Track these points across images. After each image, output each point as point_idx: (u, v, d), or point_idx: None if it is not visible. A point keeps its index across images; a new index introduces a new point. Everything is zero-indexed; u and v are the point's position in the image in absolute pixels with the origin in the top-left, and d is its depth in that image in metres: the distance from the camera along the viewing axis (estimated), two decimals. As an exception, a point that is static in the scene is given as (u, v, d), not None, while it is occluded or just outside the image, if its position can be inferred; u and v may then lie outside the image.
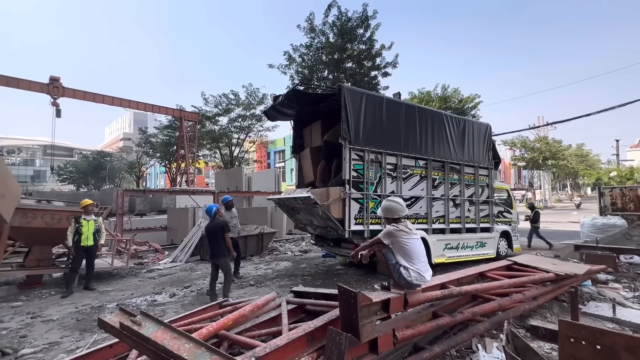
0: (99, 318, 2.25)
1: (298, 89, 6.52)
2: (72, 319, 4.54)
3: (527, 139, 38.69)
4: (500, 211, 8.79)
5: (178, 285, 6.23)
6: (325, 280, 6.53)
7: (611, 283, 5.66)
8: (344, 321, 2.50)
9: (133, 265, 8.01)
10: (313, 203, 5.70)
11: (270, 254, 9.64)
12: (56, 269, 6.55)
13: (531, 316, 4.13)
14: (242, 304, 3.60)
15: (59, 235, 6.17)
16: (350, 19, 14.73)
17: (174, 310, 4.85)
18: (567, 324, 2.37)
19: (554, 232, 15.47)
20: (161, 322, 2.17)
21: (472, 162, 7.74)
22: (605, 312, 4.28)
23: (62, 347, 3.65)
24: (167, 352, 1.93)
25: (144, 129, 31.33)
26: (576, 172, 50.88)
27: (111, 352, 2.83)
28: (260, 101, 22.25)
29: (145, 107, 21.30)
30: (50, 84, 17.02)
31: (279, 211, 11.42)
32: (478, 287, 3.67)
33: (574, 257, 7.04)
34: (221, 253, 5.32)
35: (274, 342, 2.38)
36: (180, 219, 11.57)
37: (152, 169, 50.84)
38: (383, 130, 6.27)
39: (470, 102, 22.17)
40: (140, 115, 61.10)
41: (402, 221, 3.32)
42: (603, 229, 10.11)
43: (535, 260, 5.27)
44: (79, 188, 43.51)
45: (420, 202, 6.77)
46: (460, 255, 7.42)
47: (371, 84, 15.65)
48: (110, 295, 5.76)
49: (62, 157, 53.06)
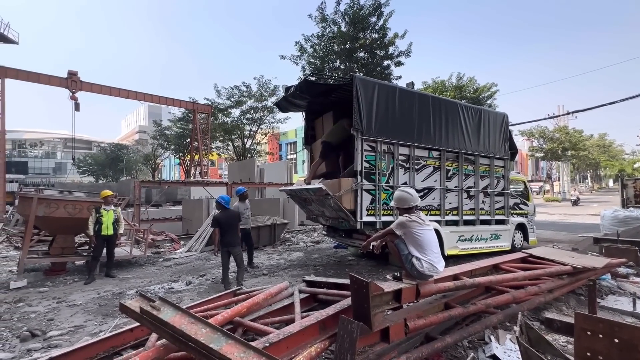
0: (120, 303, 2.35)
1: (309, 80, 6.47)
2: (95, 304, 4.76)
3: (546, 129, 37.38)
4: (516, 203, 8.59)
5: (194, 274, 6.41)
6: (337, 270, 6.58)
7: (632, 277, 5.49)
8: (356, 310, 2.53)
9: (151, 254, 8.27)
10: (325, 194, 5.72)
11: (282, 245, 9.76)
12: (79, 257, 6.83)
13: (546, 309, 4.07)
14: (256, 292, 3.69)
15: (81, 225, 6.41)
16: (362, 7, 14.42)
17: (190, 297, 5.00)
18: (584, 316, 2.32)
19: (572, 224, 15.05)
20: (179, 307, 2.25)
21: (487, 152, 7.57)
22: (625, 306, 4.18)
23: (87, 330, 3.83)
24: (184, 336, 2.01)
25: (159, 122, 31.88)
26: (597, 164, 48.98)
27: (132, 336, 2.96)
28: (272, 93, 22.25)
29: (159, 99, 21.67)
30: (68, 78, 17.48)
31: (291, 202, 11.51)
32: (491, 279, 3.63)
33: (593, 250, 6.84)
34: (237, 242, 5.50)
35: (287, 329, 2.44)
36: (194, 209, 11.83)
37: (167, 161, 51.96)
38: (396, 121, 6.19)
39: (487, 91, 21.53)
40: (155, 108, 62.22)
41: (415, 212, 3.30)
42: (625, 222, 9.76)
43: (552, 252, 5.16)
44: (98, 180, 44.95)
45: (433, 194, 6.69)
46: (474, 248, 7.33)
47: (384, 74, 15.38)
48: (130, 282, 5.98)
49: (81, 149, 54.79)
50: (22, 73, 16.54)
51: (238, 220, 5.60)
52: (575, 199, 27.04)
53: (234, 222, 5.51)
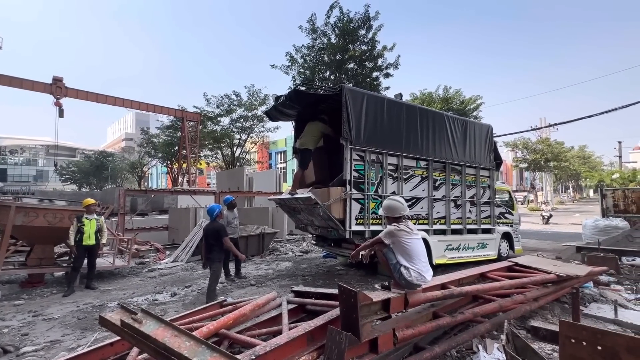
0: (100, 315, 2.26)
1: (299, 89, 6.53)
2: (74, 317, 4.56)
3: (529, 141, 38.56)
4: (501, 212, 8.76)
5: (179, 285, 6.24)
6: (326, 280, 6.52)
7: (613, 285, 5.64)
8: (344, 320, 2.50)
9: (134, 265, 8.03)
10: (314, 203, 5.71)
11: (271, 254, 9.64)
12: (58, 268, 6.58)
13: (532, 317, 4.12)
14: (243, 303, 3.60)
15: (61, 234, 6.20)
16: (352, 20, 14.73)
17: (174, 309, 4.86)
18: (568, 324, 2.36)
19: (556, 233, 15.42)
20: (162, 320, 2.18)
21: (473, 163, 7.73)
22: (607, 313, 4.26)
23: (63, 345, 3.66)
24: (167, 350, 1.94)
25: (146, 129, 31.43)
26: (578, 174, 50.66)
27: (112, 350, 2.84)
28: (262, 102, 22.28)
29: (147, 107, 21.36)
30: (53, 84, 17.10)
31: (280, 211, 11.42)
32: (479, 288, 3.66)
33: (575, 258, 7.01)
34: (216, 257, 5.21)
35: (274, 340, 2.39)
36: (181, 218, 11.60)
37: (154, 169, 50.99)
38: (384, 131, 6.28)
39: (472, 103, 22.12)
40: (142, 116, 61.26)
41: (404, 221, 3.32)
42: (605, 231, 10.06)
43: (537, 261, 5.25)
44: (81, 188, 43.73)
45: (421, 203, 6.76)
46: (462, 256, 7.40)
47: (373, 85, 15.64)
48: (112, 294, 5.78)
49: (64, 157, 53.33)
50: (4, 78, 16.09)
51: (219, 235, 5.21)
52: (548, 215, 20.74)
53: (216, 236, 5.20)
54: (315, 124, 6.73)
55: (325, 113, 7.00)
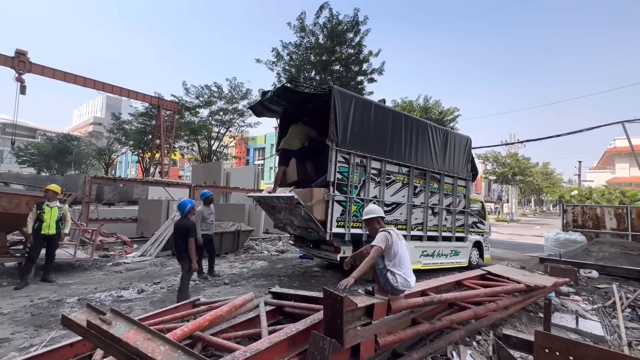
0: (62, 315, 2.05)
1: (288, 86, 6.41)
2: (26, 313, 4.17)
3: (500, 155, 40.60)
4: (474, 222, 9.09)
5: (147, 281, 5.91)
6: (303, 281, 6.44)
7: (572, 295, 5.98)
8: (328, 326, 2.44)
9: (98, 258, 7.53)
10: (296, 203, 5.61)
11: (246, 253, 9.41)
12: (10, 258, 6.02)
13: (502, 325, 4.27)
14: (218, 303, 3.45)
15: (16, 222, 5.69)
16: (340, 22, 14.77)
17: (142, 307, 4.58)
18: (543, 335, 2.45)
19: (520, 244, 16.28)
20: (134, 321, 2.01)
21: (452, 172, 7.95)
22: (569, 323, 4.51)
23: (14, 344, 3.32)
24: (140, 355, 1.78)
25: (118, 115, 29.77)
26: (540, 189, 53.99)
27: (71, 352, 2.61)
28: (244, 96, 21.80)
29: (120, 91, 20.17)
30: (15, 57, 15.75)
31: (257, 209, 11.19)
32: (456, 295, 3.73)
33: (538, 269, 7.40)
34: (183, 256, 4.82)
35: (254, 345, 2.28)
36: (152, 211, 11.06)
37: (124, 157, 48.49)
38: (370, 135, 6.30)
39: (450, 114, 22.90)
40: (114, 100, 58.31)
41: (385, 226, 3.37)
42: (565, 244, 10.72)
43: (507, 270, 5.47)
44: (40, 172, 40.58)
45: (400, 209, 6.85)
46: (436, 263, 7.58)
47: (357, 89, 15.75)
48: (71, 288, 5.36)
49: (23, 137, 49.35)
50: (-41, 46, 14.63)
51: (187, 234, 4.72)
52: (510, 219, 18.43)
53: (183, 234, 4.74)
54: (300, 127, 6.67)
55: (311, 114, 6.92)
